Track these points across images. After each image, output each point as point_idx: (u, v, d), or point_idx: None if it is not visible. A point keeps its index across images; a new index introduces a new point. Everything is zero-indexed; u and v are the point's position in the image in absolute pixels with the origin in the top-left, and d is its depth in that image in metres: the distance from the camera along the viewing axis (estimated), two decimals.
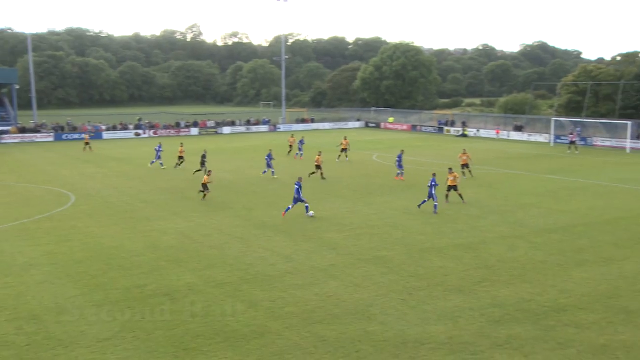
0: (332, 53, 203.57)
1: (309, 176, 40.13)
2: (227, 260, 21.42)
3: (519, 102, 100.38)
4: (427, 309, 16.72)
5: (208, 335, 15.07)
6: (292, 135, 57.77)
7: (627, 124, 63.03)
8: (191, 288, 18.54)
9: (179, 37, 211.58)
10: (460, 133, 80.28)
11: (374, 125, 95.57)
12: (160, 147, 47.08)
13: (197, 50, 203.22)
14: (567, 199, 33.29)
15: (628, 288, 18.43)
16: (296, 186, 28.63)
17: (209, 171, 34.71)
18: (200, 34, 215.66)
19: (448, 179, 31.83)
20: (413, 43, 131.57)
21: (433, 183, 29.24)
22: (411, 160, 51.17)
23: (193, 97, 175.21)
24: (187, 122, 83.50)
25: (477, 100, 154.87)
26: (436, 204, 28.93)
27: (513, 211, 29.76)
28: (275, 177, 40.81)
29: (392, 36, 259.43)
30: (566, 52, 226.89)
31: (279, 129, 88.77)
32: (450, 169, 32.63)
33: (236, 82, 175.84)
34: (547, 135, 71.21)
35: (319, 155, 40.94)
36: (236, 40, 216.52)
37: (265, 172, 41.45)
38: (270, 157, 41.32)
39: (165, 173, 43.62)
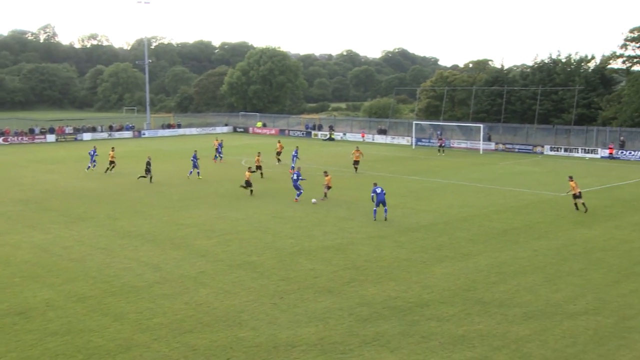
0: (198, 57, 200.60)
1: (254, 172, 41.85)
2: (90, 273, 20.39)
3: (382, 106, 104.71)
4: (298, 311, 16.89)
5: (69, 353, 14.24)
6: (217, 138, 60.17)
7: (479, 126, 68.00)
8: (49, 304, 17.46)
9: (30, 38, 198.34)
10: (327, 137, 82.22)
11: (242, 130, 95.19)
12: (94, 151, 47.20)
13: (51, 52, 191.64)
14: (428, 198, 35.09)
15: (483, 280, 19.71)
16: (296, 175, 34.11)
17: (250, 167, 35.93)
18: (55, 35, 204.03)
19: (328, 178, 34.37)
20: (279, 48, 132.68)
21: (381, 191, 28.91)
22: (281, 165, 51.51)
23: (49, 101, 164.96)
24: (42, 128, 78.62)
25: (343, 105, 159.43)
26: (386, 208, 28.96)
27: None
28: (201, 177, 42.56)
29: (259, 41, 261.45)
30: (424, 59, 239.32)
31: (144, 134, 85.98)
32: (325, 172, 34.96)
33: (96, 86, 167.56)
34: (408, 138, 74.92)
35: (259, 156, 43.88)
36: (95, 42, 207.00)
37: (191, 172, 42.86)
38: (195, 157, 43.05)
39: (20, 183, 40.74)
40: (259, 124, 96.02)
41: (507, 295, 18.27)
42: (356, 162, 46.46)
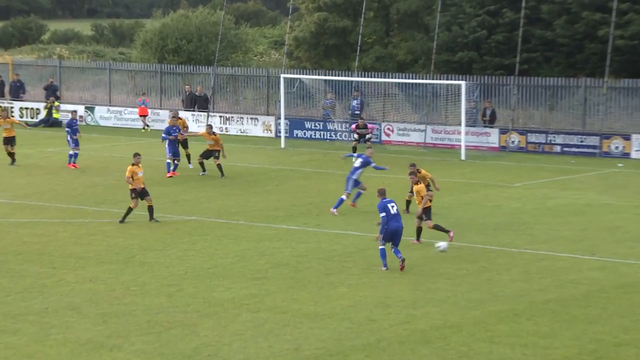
0: None
1: None
2: None
3: (194, 30, 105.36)
4: None
5: None
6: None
7: (458, 85, 69.35)
8: None
9: None
10: (45, 117, 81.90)
11: None
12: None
13: None
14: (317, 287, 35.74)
15: None
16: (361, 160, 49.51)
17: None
18: None
19: None
20: None
21: (397, 210, 37.11)
22: None
23: None
24: None
25: (85, 27, 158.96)
26: (396, 248, 36.49)
27: None
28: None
29: None
30: None
31: None
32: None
33: None
34: (269, 120, 77.05)
35: None
36: None
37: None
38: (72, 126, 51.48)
39: None
40: None
41: None
42: (211, 154, 58.43)
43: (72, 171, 61.95)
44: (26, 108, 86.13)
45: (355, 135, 66.57)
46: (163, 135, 60.92)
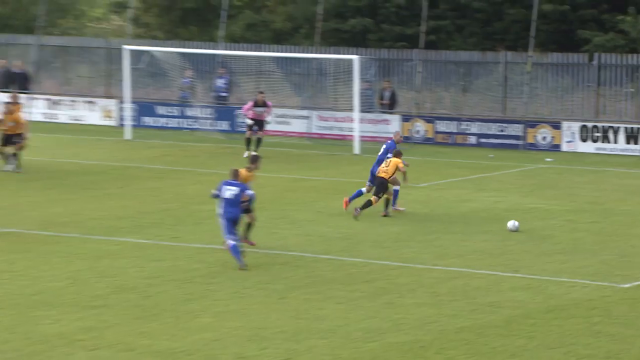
0: None
1: None
2: None
3: None
4: None
5: None
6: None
7: (350, 60, 69.23)
8: None
9: None
10: None
11: None
12: None
13: None
14: None
15: None
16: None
17: None
18: None
19: None
20: None
21: (236, 195, 39.12)
22: None
23: None
24: None
25: None
26: (235, 242, 38.66)
27: None
28: None
29: None
30: None
31: None
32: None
33: None
34: (109, 105, 76.95)
35: None
36: None
37: None
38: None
39: None
40: None
41: None
42: (11, 140, 58.76)
43: None
44: None
45: (249, 121, 65.72)
46: None
